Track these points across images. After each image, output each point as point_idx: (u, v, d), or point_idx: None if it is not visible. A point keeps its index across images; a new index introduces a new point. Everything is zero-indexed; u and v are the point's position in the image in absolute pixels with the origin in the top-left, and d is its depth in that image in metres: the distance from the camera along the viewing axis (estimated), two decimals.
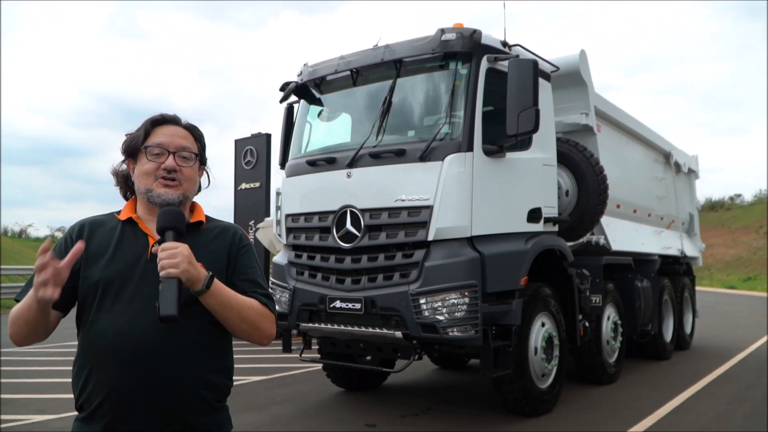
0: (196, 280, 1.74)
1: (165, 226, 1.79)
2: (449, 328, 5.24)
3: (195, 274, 1.73)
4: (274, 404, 6.75)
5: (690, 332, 11.34)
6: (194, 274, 1.73)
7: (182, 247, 1.73)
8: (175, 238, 1.77)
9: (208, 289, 1.77)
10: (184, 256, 1.71)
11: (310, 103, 6.75)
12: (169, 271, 1.68)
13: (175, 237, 1.78)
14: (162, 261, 1.69)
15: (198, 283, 1.74)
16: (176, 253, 1.70)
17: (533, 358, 6.07)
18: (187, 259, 1.71)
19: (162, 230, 1.79)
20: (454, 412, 6.46)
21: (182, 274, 1.69)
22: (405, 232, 5.57)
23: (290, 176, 6.57)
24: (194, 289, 1.75)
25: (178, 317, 1.66)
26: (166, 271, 1.68)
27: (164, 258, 1.70)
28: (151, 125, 1.98)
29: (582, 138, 7.66)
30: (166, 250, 1.71)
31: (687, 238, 11.66)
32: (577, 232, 7.23)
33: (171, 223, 1.79)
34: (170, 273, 1.68)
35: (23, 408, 6.56)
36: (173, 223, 1.80)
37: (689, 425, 5.94)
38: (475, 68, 5.69)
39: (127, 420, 1.76)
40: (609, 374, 7.80)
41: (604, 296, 7.65)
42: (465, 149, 5.51)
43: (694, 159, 12.13)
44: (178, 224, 1.81)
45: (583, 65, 7.58)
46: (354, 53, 6.26)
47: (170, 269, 1.68)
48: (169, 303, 1.65)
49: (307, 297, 6.01)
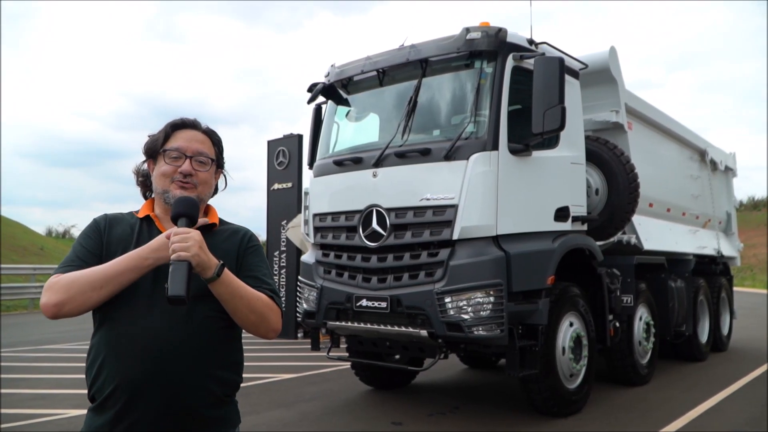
0: (207, 266, 1.78)
1: (179, 212, 1.86)
2: (474, 327, 5.24)
3: (206, 260, 1.78)
4: (303, 401, 6.83)
5: (727, 334, 11.08)
6: (205, 259, 1.77)
7: (194, 233, 1.79)
8: (188, 225, 1.84)
9: (218, 276, 1.81)
10: (196, 241, 1.76)
11: (337, 103, 6.81)
12: (180, 254, 1.73)
13: (188, 224, 1.84)
14: (174, 244, 1.75)
15: (209, 269, 1.79)
16: (188, 237, 1.76)
17: (561, 358, 6.02)
18: (198, 243, 1.77)
19: (176, 216, 1.86)
20: (481, 412, 6.45)
21: (193, 257, 1.74)
22: (430, 231, 5.58)
23: (318, 176, 6.65)
24: (205, 276, 1.80)
25: (185, 298, 1.70)
26: (177, 254, 1.73)
27: (176, 241, 1.75)
28: (171, 129, 2.05)
29: (612, 136, 7.56)
30: (179, 234, 1.77)
31: (724, 238, 11.40)
32: (608, 231, 7.13)
33: (184, 210, 1.86)
34: (181, 256, 1.73)
35: (32, 404, 6.74)
36: (187, 210, 1.86)
37: (720, 428, 5.82)
38: (500, 67, 5.68)
39: (136, 409, 1.82)
40: (641, 375, 7.68)
41: (636, 296, 7.53)
42: (490, 148, 5.51)
43: (732, 156, 11.84)
44: (191, 211, 1.87)
45: (613, 62, 7.48)
46: (380, 53, 6.30)
47: (181, 252, 1.73)
48: (177, 284, 1.69)
49: (334, 295, 6.07)
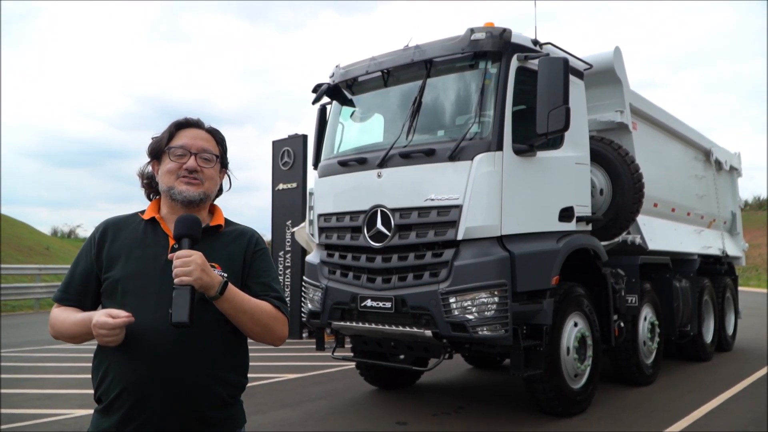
0: (210, 286, 1.81)
1: (181, 233, 1.87)
2: (479, 327, 5.25)
3: (208, 281, 1.80)
4: (309, 401, 6.86)
5: (732, 333, 11.04)
6: (207, 281, 1.79)
7: (196, 255, 1.80)
8: (191, 246, 1.85)
9: (221, 295, 1.84)
10: (198, 264, 1.78)
11: (342, 104, 6.83)
12: (183, 279, 1.76)
13: (191, 244, 1.85)
14: (176, 269, 1.77)
15: (212, 289, 1.81)
16: (190, 261, 1.77)
17: (565, 358, 6.02)
18: (201, 267, 1.78)
19: (178, 237, 1.87)
20: (486, 412, 6.46)
21: (195, 282, 1.76)
22: (435, 232, 5.60)
23: (322, 176, 6.67)
24: (209, 295, 1.82)
25: (189, 324, 1.73)
26: (179, 278, 1.76)
27: (178, 266, 1.77)
28: (175, 128, 2.07)
29: (617, 136, 7.56)
30: (180, 258, 1.78)
31: (729, 238, 11.36)
32: (612, 231, 7.14)
33: (186, 231, 1.87)
34: (183, 281, 1.76)
35: (37, 403, 6.78)
36: (188, 231, 1.87)
37: (725, 428, 5.82)
38: (504, 67, 5.69)
39: (143, 411, 1.84)
40: (646, 375, 7.68)
41: (641, 296, 7.53)
42: (494, 148, 5.52)
43: (737, 156, 11.82)
44: (194, 232, 1.88)
45: (618, 62, 7.48)
46: (385, 54, 6.31)
47: (183, 277, 1.76)
48: (181, 310, 1.72)
49: (338, 296, 6.09)
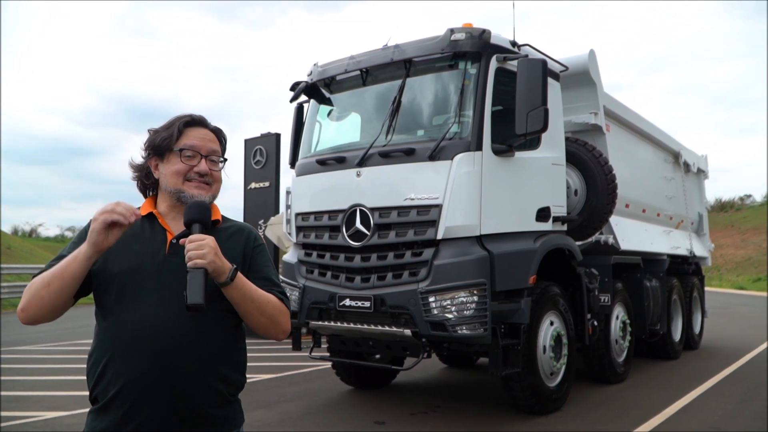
0: (222, 271, 1.80)
1: (192, 218, 1.86)
2: (458, 326, 5.27)
3: (221, 266, 1.80)
4: (285, 401, 6.80)
5: (699, 332, 11.32)
6: (220, 265, 1.79)
7: (209, 239, 1.79)
8: (201, 231, 1.84)
9: (232, 281, 1.83)
10: (211, 248, 1.77)
11: (320, 102, 6.79)
12: (196, 262, 1.75)
13: (202, 229, 1.85)
14: (189, 252, 1.76)
15: (223, 274, 1.81)
16: (203, 245, 1.77)
17: (542, 356, 6.09)
18: (214, 250, 1.78)
19: (189, 222, 1.86)
20: (463, 411, 6.49)
21: (209, 264, 1.76)
22: (414, 231, 5.60)
23: (300, 175, 6.62)
24: (219, 281, 1.81)
25: (204, 305, 1.72)
26: (193, 261, 1.75)
27: (192, 249, 1.76)
28: (183, 126, 2.02)
29: (591, 137, 7.67)
30: (194, 242, 1.78)
31: (696, 238, 11.63)
32: (586, 231, 7.23)
33: (198, 216, 1.87)
34: (197, 263, 1.75)
35: (33, 405, 6.64)
36: (200, 216, 1.87)
37: (697, 424, 5.95)
38: (484, 68, 5.73)
39: (143, 409, 1.81)
40: (618, 373, 7.82)
41: (613, 295, 7.66)
42: (474, 148, 5.55)
43: (704, 159, 12.10)
44: (205, 217, 1.89)
45: (593, 65, 7.59)
46: (364, 53, 6.30)
47: (197, 260, 1.75)
48: (196, 292, 1.72)
49: (316, 295, 6.06)
